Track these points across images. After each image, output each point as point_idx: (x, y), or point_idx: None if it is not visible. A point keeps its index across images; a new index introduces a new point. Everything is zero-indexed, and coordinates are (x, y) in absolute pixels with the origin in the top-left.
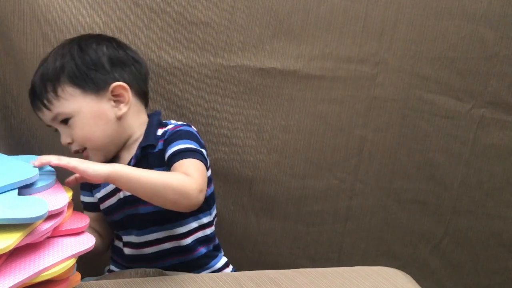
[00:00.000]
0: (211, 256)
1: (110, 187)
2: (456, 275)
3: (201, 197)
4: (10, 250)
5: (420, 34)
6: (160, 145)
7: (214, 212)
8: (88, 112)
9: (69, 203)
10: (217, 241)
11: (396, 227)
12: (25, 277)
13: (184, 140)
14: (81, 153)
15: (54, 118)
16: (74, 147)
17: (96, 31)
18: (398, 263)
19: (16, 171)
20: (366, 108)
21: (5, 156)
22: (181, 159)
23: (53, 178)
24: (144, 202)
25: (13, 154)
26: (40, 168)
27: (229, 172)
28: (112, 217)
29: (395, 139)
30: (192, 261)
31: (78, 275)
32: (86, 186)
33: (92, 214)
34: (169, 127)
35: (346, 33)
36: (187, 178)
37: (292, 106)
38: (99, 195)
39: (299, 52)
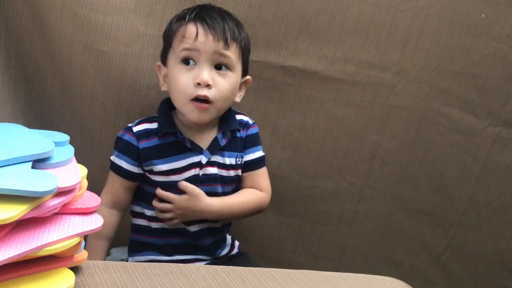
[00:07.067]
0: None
1: (187, 161)
2: None
3: None
4: (16, 222)
5: (444, 47)
6: (242, 133)
7: None
8: (237, 78)
9: (83, 182)
10: None
11: (400, 235)
12: (27, 250)
13: (260, 146)
14: (201, 100)
15: (217, 54)
16: (204, 92)
17: (125, 13)
18: (399, 270)
19: (32, 144)
20: (383, 115)
21: (24, 128)
22: (260, 167)
23: (70, 155)
24: (221, 183)
25: (31, 128)
26: (58, 144)
27: None
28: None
29: (408, 148)
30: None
31: (84, 253)
32: (133, 154)
33: (126, 182)
34: (246, 119)
35: (370, 40)
36: (265, 197)
37: (309, 106)
38: (164, 167)
39: (322, 54)
